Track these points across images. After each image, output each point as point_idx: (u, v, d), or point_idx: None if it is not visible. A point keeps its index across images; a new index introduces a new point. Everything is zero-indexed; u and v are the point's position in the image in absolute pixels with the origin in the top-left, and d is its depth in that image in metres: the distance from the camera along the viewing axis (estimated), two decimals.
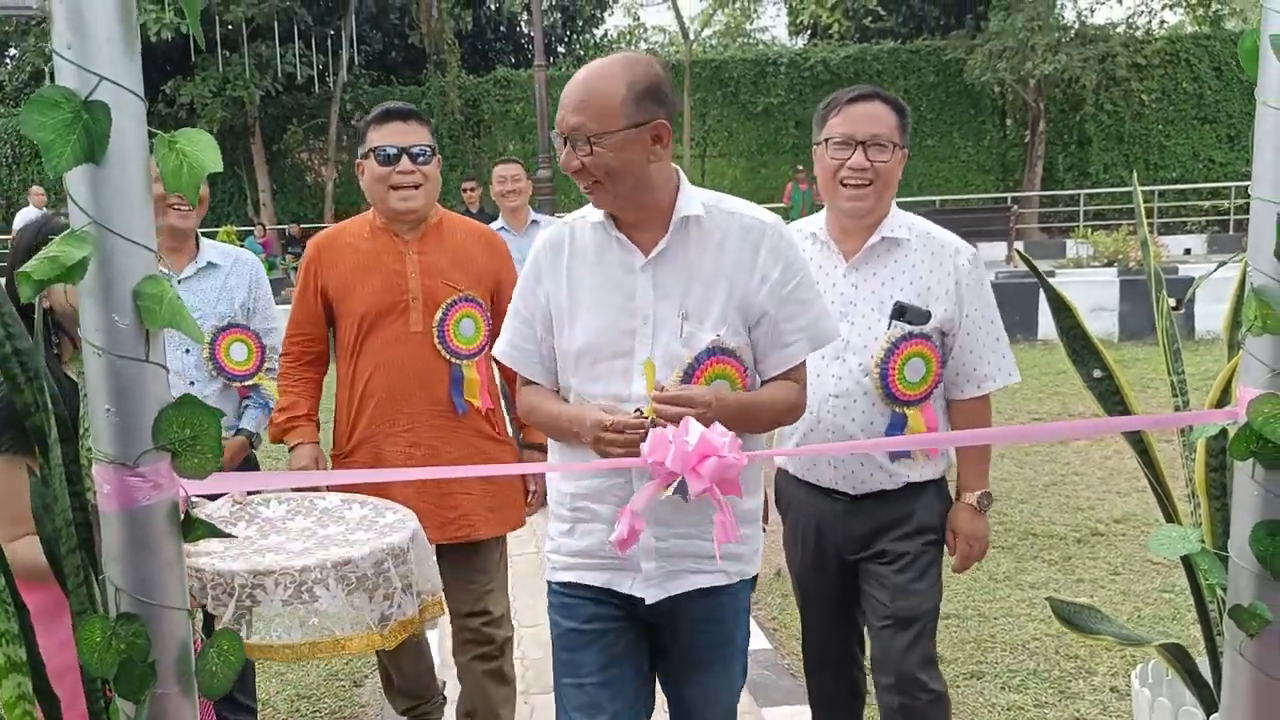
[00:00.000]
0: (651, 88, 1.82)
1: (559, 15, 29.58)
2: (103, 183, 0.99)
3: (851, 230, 2.38)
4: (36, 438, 1.22)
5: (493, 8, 26.67)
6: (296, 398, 2.85)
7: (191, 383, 2.94)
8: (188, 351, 2.95)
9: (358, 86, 23.55)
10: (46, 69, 21.17)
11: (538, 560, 4.84)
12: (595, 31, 31.66)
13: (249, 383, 3.05)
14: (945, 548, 2.48)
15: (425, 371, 2.72)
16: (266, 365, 3.10)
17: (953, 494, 2.53)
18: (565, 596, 2.05)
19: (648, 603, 1.96)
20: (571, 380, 1.99)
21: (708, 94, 24.38)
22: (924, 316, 2.29)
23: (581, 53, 30.33)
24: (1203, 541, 1.54)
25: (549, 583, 2.09)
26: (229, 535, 1.16)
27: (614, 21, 44.17)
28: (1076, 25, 22.36)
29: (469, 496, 2.78)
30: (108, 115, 0.97)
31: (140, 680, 1.04)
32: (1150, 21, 23.96)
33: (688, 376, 1.85)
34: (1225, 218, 22.06)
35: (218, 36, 20.82)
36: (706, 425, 1.61)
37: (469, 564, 2.85)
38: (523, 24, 28.59)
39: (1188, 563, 1.66)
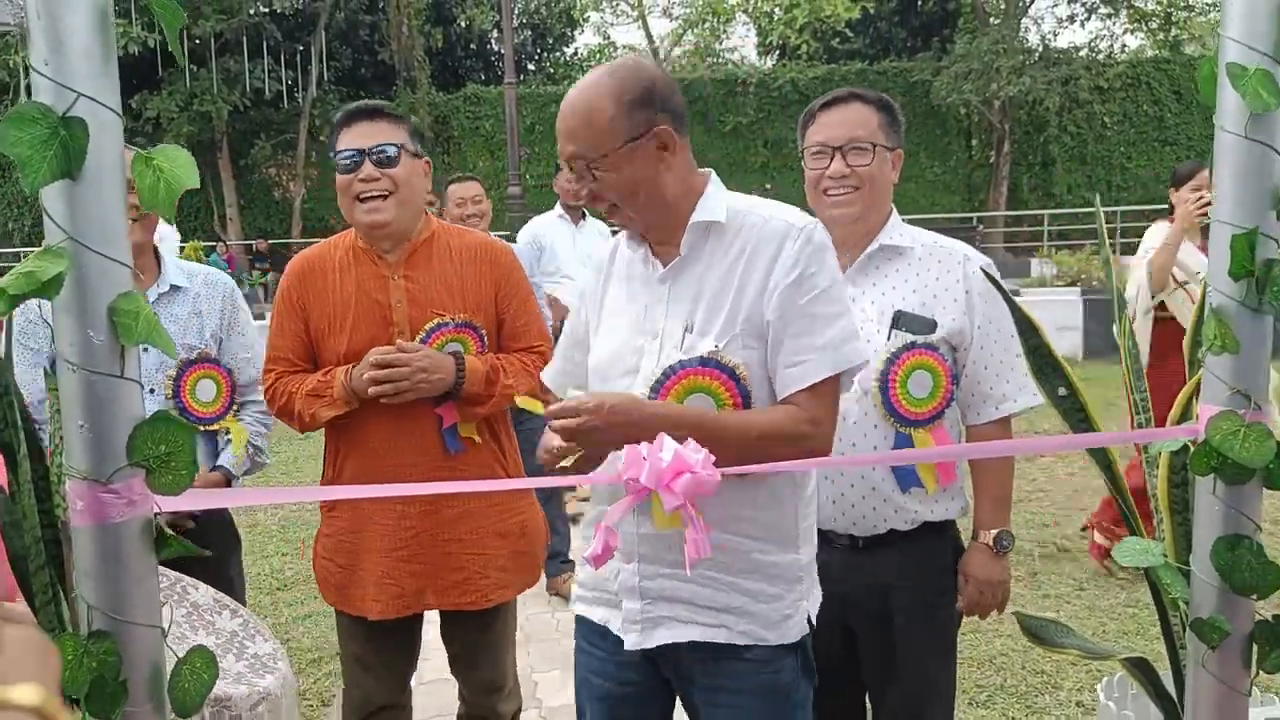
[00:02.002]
0: (642, 94, 1.66)
1: (529, 33, 29.74)
2: (79, 199, 0.99)
3: (849, 240, 2.17)
4: (5, 454, 1.21)
5: (463, 25, 26.70)
6: (301, 382, 2.37)
7: None
8: (152, 391, 2.47)
9: (327, 102, 23.49)
10: (12, 82, 20.94)
11: None
12: (565, 50, 31.85)
13: (214, 427, 2.58)
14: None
15: (412, 414, 2.31)
16: (244, 399, 2.67)
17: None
18: (580, 637, 1.91)
19: (626, 647, 1.78)
20: None
21: None
22: (925, 324, 2.09)
23: (551, 70, 30.47)
24: (1165, 555, 1.57)
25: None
26: (205, 553, 1.15)
27: (584, 40, 44.37)
28: (1040, 49, 22.80)
29: (478, 557, 2.39)
30: (85, 131, 0.97)
31: (112, 698, 1.03)
32: (1112, 45, 24.55)
33: (657, 388, 1.67)
34: None
35: (185, 51, 20.71)
36: (602, 435, 1.57)
37: (479, 635, 2.50)
38: (493, 41, 28.72)
39: (1151, 577, 1.69)
